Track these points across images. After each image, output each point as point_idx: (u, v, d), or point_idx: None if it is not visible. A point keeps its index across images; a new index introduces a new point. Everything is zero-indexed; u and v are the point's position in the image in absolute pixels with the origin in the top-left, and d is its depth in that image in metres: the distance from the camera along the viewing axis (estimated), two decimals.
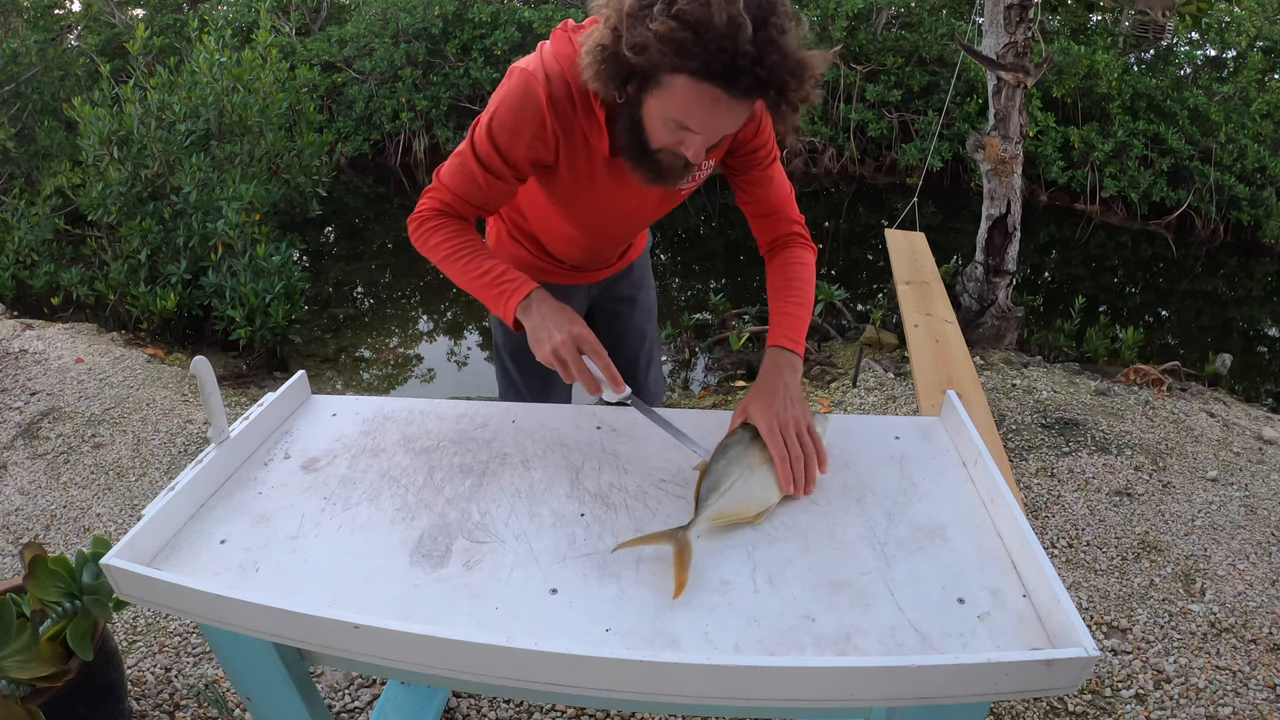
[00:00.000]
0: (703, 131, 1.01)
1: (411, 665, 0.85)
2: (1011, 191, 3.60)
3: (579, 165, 1.18)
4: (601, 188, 1.22)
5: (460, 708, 1.66)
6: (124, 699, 1.57)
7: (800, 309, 1.27)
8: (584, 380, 1.10)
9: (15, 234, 4.42)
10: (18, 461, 2.66)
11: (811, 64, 0.96)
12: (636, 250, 1.65)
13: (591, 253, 1.48)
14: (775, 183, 1.31)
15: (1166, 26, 6.49)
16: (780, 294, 1.29)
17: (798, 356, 1.22)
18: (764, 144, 1.25)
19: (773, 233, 1.35)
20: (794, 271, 1.30)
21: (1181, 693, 1.73)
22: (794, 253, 1.33)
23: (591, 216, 1.32)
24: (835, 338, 4.08)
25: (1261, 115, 5.94)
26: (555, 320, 1.10)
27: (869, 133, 6.95)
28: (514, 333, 1.56)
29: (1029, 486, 2.44)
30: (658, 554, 0.97)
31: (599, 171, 1.20)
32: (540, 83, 1.09)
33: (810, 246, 1.35)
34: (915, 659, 0.78)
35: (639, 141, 1.07)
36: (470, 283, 1.18)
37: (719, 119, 0.99)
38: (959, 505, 1.05)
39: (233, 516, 1.05)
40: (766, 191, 1.31)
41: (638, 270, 1.69)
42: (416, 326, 4.84)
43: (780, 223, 1.34)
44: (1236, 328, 5.07)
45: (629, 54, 0.95)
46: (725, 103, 0.96)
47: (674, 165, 1.09)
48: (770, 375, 1.18)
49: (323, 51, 7.47)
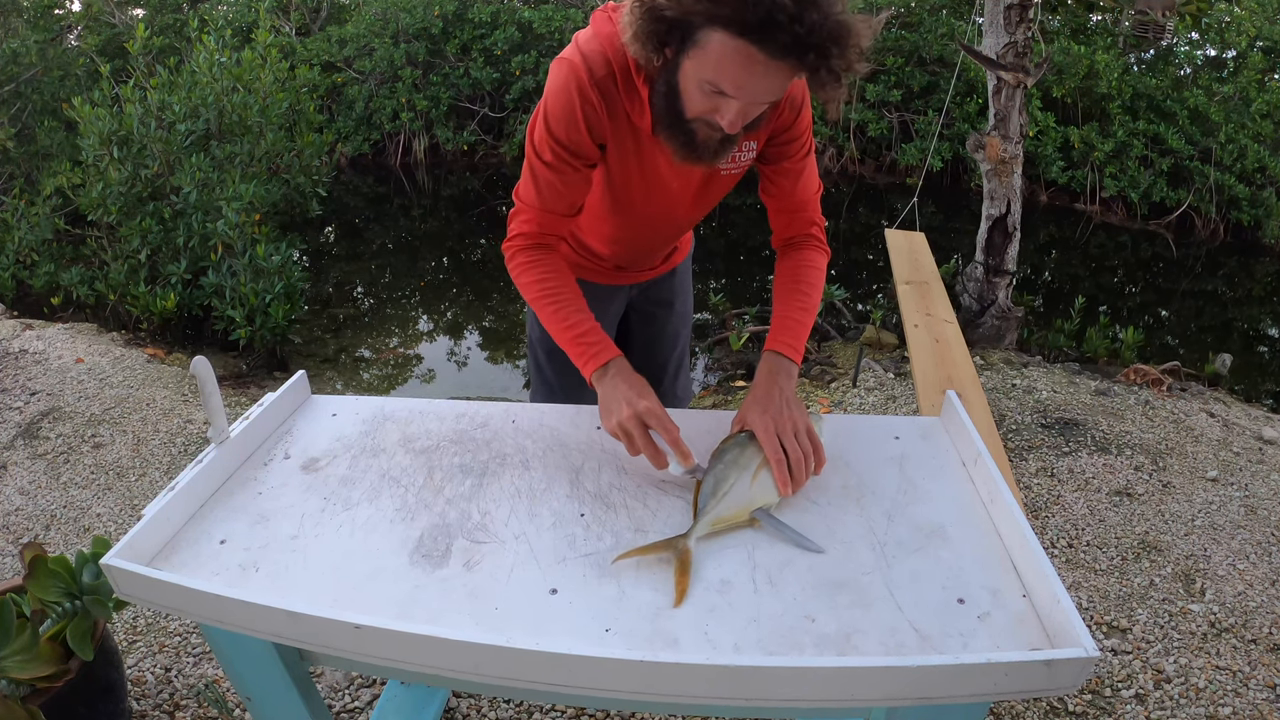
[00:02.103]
0: (738, 95, 0.97)
1: (411, 665, 0.85)
2: (1011, 191, 3.60)
3: (625, 144, 1.17)
4: (645, 170, 1.21)
5: (460, 708, 1.66)
6: (124, 699, 1.57)
7: (804, 315, 1.25)
8: (649, 454, 1.08)
9: (15, 234, 4.42)
10: (18, 461, 2.66)
11: (855, 29, 0.91)
12: (680, 255, 1.62)
13: (634, 250, 1.46)
14: (805, 177, 1.28)
15: (1166, 26, 6.49)
16: (787, 296, 1.27)
17: (795, 364, 1.21)
18: (801, 134, 1.22)
19: (791, 230, 1.32)
20: (804, 275, 1.29)
21: (1181, 693, 1.73)
22: (807, 255, 1.31)
23: (634, 206, 1.30)
24: (835, 338, 4.08)
25: (1261, 115, 5.94)
26: (626, 394, 1.11)
27: (869, 133, 6.95)
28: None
29: (1029, 486, 2.44)
30: (658, 555, 0.97)
31: (644, 151, 1.18)
32: (579, 65, 1.10)
33: (824, 250, 1.33)
34: (915, 659, 0.78)
35: (675, 110, 1.04)
36: (558, 332, 1.21)
37: (755, 80, 0.95)
38: (959, 505, 1.05)
39: (233, 516, 1.05)
40: (794, 186, 1.28)
41: (679, 276, 1.66)
42: (416, 326, 4.84)
43: (800, 221, 1.31)
44: (1236, 328, 5.07)
45: (665, 5, 0.93)
46: (761, 63, 0.92)
47: (709, 139, 1.05)
48: (766, 381, 1.17)
49: (323, 51, 7.47)
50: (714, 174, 1.25)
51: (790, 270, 1.30)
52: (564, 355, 1.42)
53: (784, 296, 1.27)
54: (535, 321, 1.60)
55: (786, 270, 1.30)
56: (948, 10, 7.18)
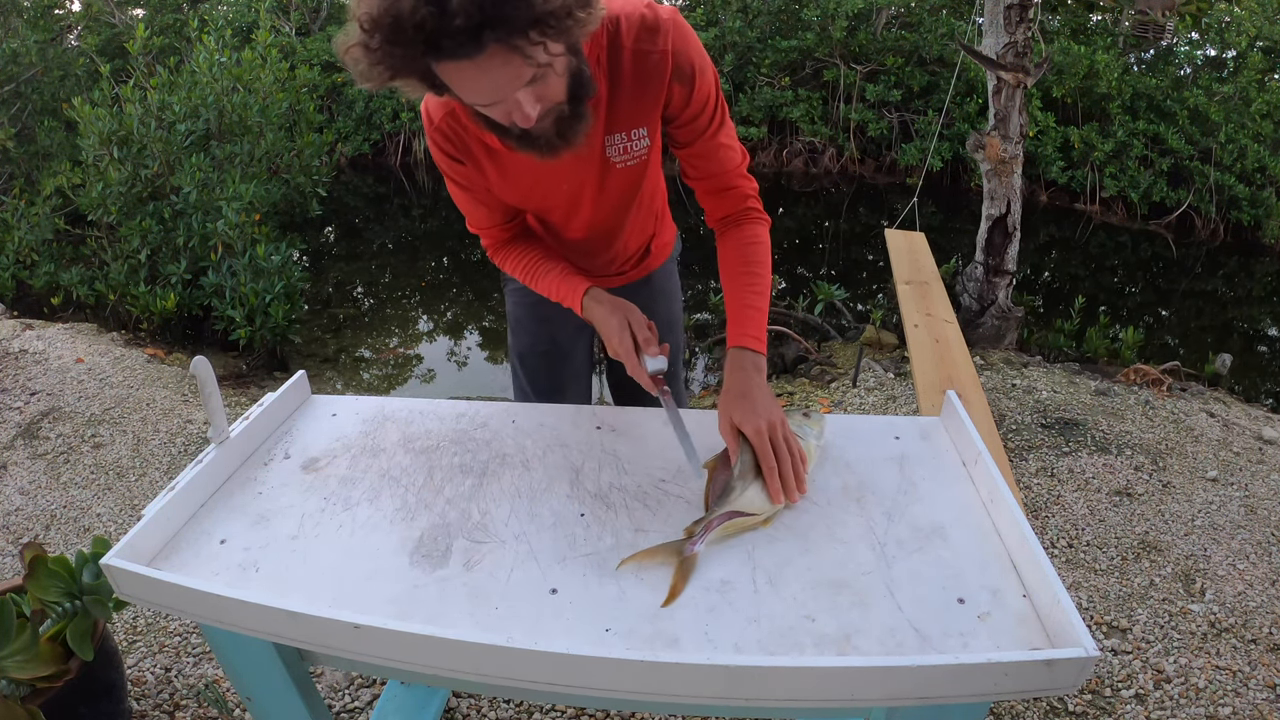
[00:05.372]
0: (482, 100, 0.91)
1: (411, 665, 0.85)
2: (1011, 191, 3.61)
3: (495, 167, 1.18)
4: (525, 183, 1.20)
5: (460, 708, 1.66)
6: (124, 699, 1.57)
7: (760, 299, 1.21)
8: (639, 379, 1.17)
9: (15, 234, 4.42)
10: (18, 461, 2.66)
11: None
12: (656, 260, 1.54)
13: (582, 255, 1.40)
14: (724, 152, 1.21)
15: (1166, 26, 6.49)
16: (737, 281, 1.22)
17: (762, 355, 1.18)
18: (700, 112, 1.15)
19: (724, 209, 1.26)
20: (750, 253, 1.23)
21: (1181, 693, 1.73)
22: (747, 230, 1.24)
23: (546, 215, 1.30)
24: (835, 338, 4.08)
25: (1261, 115, 5.94)
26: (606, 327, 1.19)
27: (869, 133, 6.96)
28: (522, 337, 1.56)
29: (1029, 486, 2.44)
30: (661, 561, 0.96)
31: (513, 166, 1.17)
32: (425, 115, 1.16)
33: (764, 219, 1.27)
34: (915, 659, 0.78)
35: (490, 122, 1.00)
36: (546, 294, 1.30)
37: (482, 83, 0.88)
38: (959, 505, 1.05)
39: (233, 516, 1.05)
40: (713, 165, 1.21)
41: (658, 281, 1.56)
42: (416, 326, 4.84)
43: (733, 197, 1.25)
44: (1236, 328, 5.07)
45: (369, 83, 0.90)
46: (466, 67, 0.86)
47: (542, 131, 0.99)
48: (740, 379, 1.14)
49: (323, 51, 7.47)
50: (607, 168, 1.19)
51: (736, 251, 1.24)
52: (534, 361, 1.44)
53: (735, 281, 1.22)
54: (510, 329, 1.60)
55: (731, 251, 1.25)
56: (948, 10, 7.18)
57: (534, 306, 1.51)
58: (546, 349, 1.56)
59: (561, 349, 1.56)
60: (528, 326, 1.55)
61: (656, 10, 1.08)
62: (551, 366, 1.57)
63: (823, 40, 6.98)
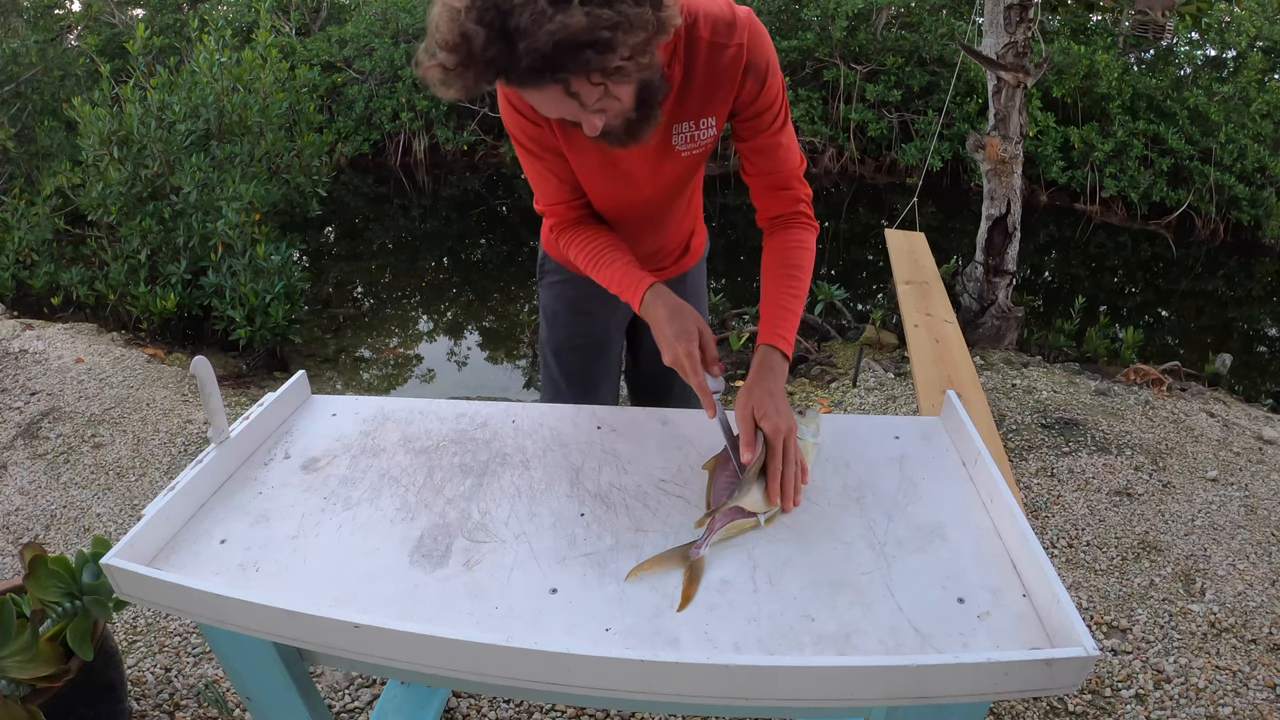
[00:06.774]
0: (548, 115, 1.01)
1: (411, 665, 0.85)
2: (1011, 191, 3.61)
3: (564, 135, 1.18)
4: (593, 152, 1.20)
5: (460, 708, 1.66)
6: (124, 699, 1.57)
7: (795, 301, 1.23)
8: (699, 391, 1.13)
9: (15, 234, 4.42)
10: (18, 461, 2.66)
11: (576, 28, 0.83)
12: (692, 259, 1.58)
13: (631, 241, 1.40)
14: (783, 152, 1.23)
15: (1166, 26, 6.50)
16: (777, 281, 1.23)
17: (787, 359, 1.19)
18: (770, 104, 1.17)
19: (777, 208, 1.28)
20: (794, 257, 1.24)
21: (1181, 693, 1.73)
22: (795, 234, 1.26)
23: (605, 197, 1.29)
24: (835, 338, 4.08)
25: (1261, 115, 5.94)
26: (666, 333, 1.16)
27: (869, 133, 6.95)
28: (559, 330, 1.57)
29: (1029, 486, 2.44)
30: (669, 570, 0.96)
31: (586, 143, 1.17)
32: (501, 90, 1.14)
33: (813, 226, 1.28)
34: (915, 659, 0.78)
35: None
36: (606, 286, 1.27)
37: (546, 106, 0.97)
38: (959, 505, 1.05)
39: (233, 516, 1.05)
40: (773, 162, 1.23)
41: (691, 281, 1.61)
42: (416, 326, 4.84)
43: (786, 199, 1.27)
44: (1236, 328, 5.07)
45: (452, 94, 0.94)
46: (532, 93, 0.93)
47: (611, 130, 1.03)
48: (766, 376, 1.15)
49: (323, 51, 7.48)
50: (668, 153, 1.21)
51: (780, 251, 1.26)
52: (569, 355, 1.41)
53: (776, 281, 1.23)
54: (544, 322, 1.61)
55: (776, 251, 1.26)
56: (948, 10, 7.18)
57: (572, 301, 1.53)
58: (584, 343, 1.57)
59: (599, 343, 1.58)
60: (565, 320, 1.57)
61: (734, 8, 1.12)
62: (588, 361, 1.59)
63: (823, 40, 6.98)
